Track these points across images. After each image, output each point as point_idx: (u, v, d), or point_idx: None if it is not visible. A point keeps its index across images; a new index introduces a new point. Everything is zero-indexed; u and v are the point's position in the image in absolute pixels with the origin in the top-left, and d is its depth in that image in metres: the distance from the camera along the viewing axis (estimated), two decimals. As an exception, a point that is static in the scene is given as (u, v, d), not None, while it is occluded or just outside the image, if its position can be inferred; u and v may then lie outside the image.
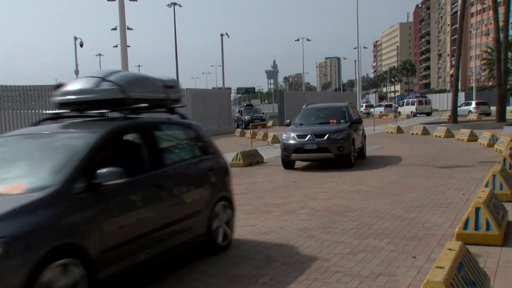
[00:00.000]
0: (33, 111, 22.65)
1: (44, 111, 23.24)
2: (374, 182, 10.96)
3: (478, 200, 5.94)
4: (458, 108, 49.27)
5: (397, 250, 5.80)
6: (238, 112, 44.18)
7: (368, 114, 60.49)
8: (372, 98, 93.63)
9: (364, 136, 15.82)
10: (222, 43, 43.93)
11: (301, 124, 14.28)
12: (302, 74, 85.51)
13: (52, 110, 5.63)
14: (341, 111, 14.70)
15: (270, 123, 45.72)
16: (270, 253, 5.90)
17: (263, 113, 42.51)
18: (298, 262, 5.49)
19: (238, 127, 40.28)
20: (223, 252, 5.93)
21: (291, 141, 13.27)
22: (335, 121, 13.95)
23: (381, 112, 54.75)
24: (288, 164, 13.66)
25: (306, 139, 13.12)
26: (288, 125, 14.69)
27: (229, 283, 4.94)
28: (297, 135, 13.29)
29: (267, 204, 9.02)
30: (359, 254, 5.70)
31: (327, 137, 13.05)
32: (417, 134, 25.76)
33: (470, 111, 46.38)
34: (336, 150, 12.97)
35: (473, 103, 49.04)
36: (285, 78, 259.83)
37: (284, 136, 13.62)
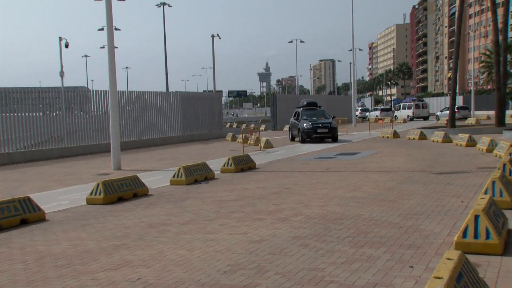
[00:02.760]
0: (15, 114, 22.50)
1: (27, 114, 23.14)
2: (369, 188, 10.96)
3: (477, 208, 5.95)
4: (440, 113, 49.80)
5: (394, 259, 5.79)
6: (294, 116, 28.38)
7: (363, 118, 60.80)
8: (368, 101, 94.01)
9: None
10: (213, 45, 43.91)
11: None
12: (296, 77, 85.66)
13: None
14: None
15: (262, 128, 45.77)
16: (262, 262, 5.87)
17: (333, 117, 28.53)
18: (291, 272, 5.46)
19: (293, 139, 28.09)
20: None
21: None
22: None
23: (377, 116, 55.02)
24: None
25: None
26: None
27: (219, 294, 4.89)
28: None
29: (259, 211, 8.98)
30: (354, 263, 5.68)
31: None
32: (414, 139, 25.87)
33: None
34: None
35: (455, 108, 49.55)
36: (278, 81, 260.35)
37: None
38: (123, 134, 27.09)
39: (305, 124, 25.97)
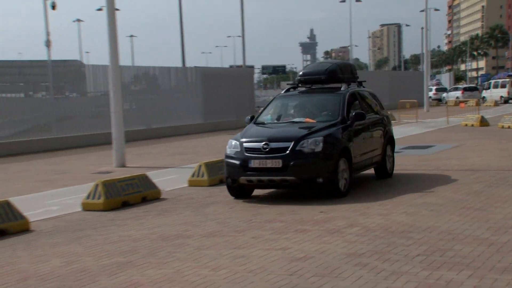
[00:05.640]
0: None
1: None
2: (448, 192, 10.85)
3: None
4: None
5: (483, 286, 5.73)
6: None
7: (439, 100, 59.98)
8: (445, 78, 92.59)
9: None
10: (242, 6, 43.94)
11: None
12: (349, 48, 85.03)
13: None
14: None
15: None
16: (308, 286, 5.90)
17: (384, 119, 13.81)
18: (345, 299, 5.47)
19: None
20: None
21: None
22: None
23: (457, 97, 54.13)
24: None
25: None
26: None
27: (252, 326, 4.95)
28: None
29: (303, 220, 9.01)
30: (429, 289, 5.65)
31: None
32: (509, 127, 25.39)
33: None
34: None
35: None
36: (326, 52, 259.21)
37: None
38: (128, 122, 27.42)
39: (230, 144, 11.75)
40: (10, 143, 23.14)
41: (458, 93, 56.98)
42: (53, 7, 43.56)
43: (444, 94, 60.70)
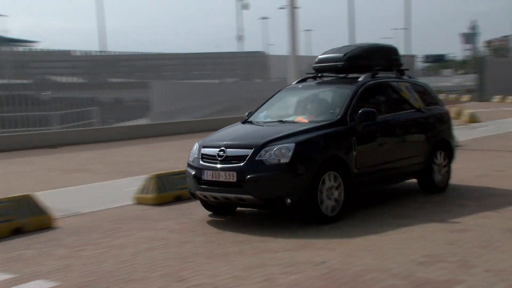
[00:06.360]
0: (194, 81, 24.58)
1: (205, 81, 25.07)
2: None
3: None
4: None
5: None
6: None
7: None
8: None
9: None
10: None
11: None
12: (511, 37, 78.51)
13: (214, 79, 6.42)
14: None
15: (466, 98, 43.29)
16: (467, 256, 5.60)
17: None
18: (505, 271, 5.12)
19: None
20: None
21: None
22: None
23: None
24: None
25: None
26: None
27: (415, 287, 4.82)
28: None
29: (462, 196, 8.60)
30: None
31: None
32: None
33: None
34: None
35: None
36: (487, 42, 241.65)
37: None
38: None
39: (193, 148, 7.98)
40: (210, 121, 24.47)
41: None
42: (246, 7, 45.07)
43: None
